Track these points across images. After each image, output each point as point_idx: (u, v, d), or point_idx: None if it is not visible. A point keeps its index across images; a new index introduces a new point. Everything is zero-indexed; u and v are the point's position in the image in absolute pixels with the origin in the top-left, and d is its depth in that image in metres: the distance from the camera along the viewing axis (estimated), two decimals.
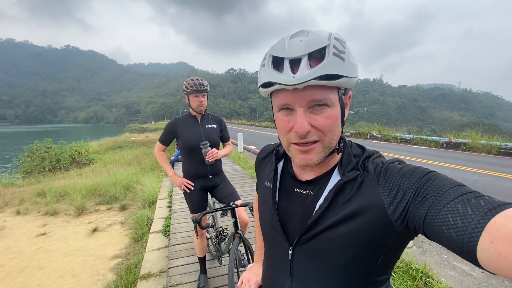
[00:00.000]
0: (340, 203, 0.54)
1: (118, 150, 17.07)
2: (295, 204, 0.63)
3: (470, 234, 0.37)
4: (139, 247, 3.55)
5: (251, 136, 18.31)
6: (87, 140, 16.11)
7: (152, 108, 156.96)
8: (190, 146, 2.08)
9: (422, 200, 0.45)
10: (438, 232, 0.41)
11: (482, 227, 0.36)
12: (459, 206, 0.40)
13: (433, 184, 0.45)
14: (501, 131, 28.70)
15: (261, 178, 0.75)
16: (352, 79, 0.51)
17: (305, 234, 0.58)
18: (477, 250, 0.36)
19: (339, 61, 0.48)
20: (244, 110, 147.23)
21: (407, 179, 0.49)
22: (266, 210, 0.69)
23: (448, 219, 0.40)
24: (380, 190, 0.51)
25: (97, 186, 6.50)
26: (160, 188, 5.80)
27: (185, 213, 3.98)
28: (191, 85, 1.99)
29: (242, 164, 7.69)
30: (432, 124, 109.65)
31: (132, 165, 10.22)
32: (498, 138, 11.56)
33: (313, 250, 0.58)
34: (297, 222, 0.61)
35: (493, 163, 8.06)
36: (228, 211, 1.95)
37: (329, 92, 0.50)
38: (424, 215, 0.44)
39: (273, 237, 0.67)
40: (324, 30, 0.51)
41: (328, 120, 0.51)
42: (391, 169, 0.53)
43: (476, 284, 2.30)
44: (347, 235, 0.52)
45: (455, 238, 0.39)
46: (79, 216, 5.12)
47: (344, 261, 0.54)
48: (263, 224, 0.72)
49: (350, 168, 0.56)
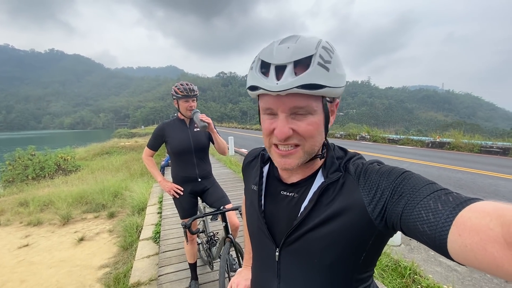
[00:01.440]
0: (323, 204, 0.56)
1: (106, 156, 16.70)
2: (281, 206, 0.64)
3: (441, 228, 0.39)
4: (128, 255, 3.47)
5: (242, 139, 18.29)
6: (73, 146, 15.69)
7: (142, 112, 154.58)
8: (178, 151, 2.07)
9: (399, 198, 0.47)
10: (413, 228, 0.44)
11: (451, 221, 0.39)
12: (431, 203, 0.42)
13: (408, 182, 0.48)
14: (482, 130, 29.84)
15: (248, 182, 0.77)
16: (336, 89, 0.51)
17: (291, 235, 0.59)
18: (447, 242, 0.38)
19: (323, 71, 0.48)
20: (235, 114, 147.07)
21: (385, 178, 0.51)
22: (253, 212, 0.70)
23: (421, 215, 0.42)
24: (361, 190, 0.53)
25: (83, 193, 6.32)
26: (150, 194, 5.70)
27: (176, 218, 3.93)
28: (181, 90, 1.98)
29: (233, 168, 7.66)
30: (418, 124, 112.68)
31: (121, 171, 10.03)
32: (479, 137, 12.03)
33: (299, 251, 0.59)
34: (283, 224, 0.62)
35: (475, 161, 8.36)
36: (219, 216, 1.94)
37: (312, 100, 0.50)
38: (401, 212, 0.46)
39: (260, 239, 0.68)
40: (314, 38, 0.52)
41: (310, 127, 0.52)
42: (370, 169, 0.55)
43: (461, 278, 2.37)
44: (330, 235, 0.54)
45: (428, 233, 0.41)
46: (65, 225, 4.96)
47: (329, 260, 0.55)
48: (250, 226, 0.73)
49: (333, 170, 0.58)
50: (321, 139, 0.56)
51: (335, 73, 0.50)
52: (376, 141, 14.65)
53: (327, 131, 0.57)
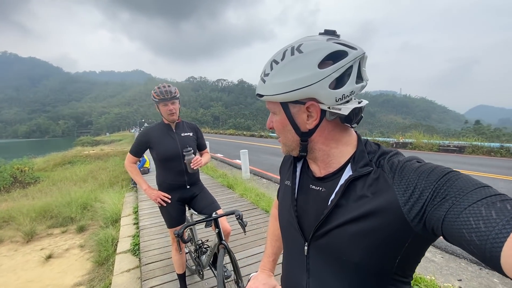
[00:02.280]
0: (352, 200, 0.55)
1: (68, 166, 15.42)
2: (310, 201, 0.65)
3: (494, 239, 0.35)
4: (105, 271, 3.23)
5: (217, 144, 18.07)
6: (30, 156, 14.27)
7: (106, 119, 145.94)
8: (166, 156, 1.98)
9: (441, 201, 0.44)
10: (458, 235, 0.40)
11: (508, 233, 0.35)
12: (482, 209, 0.38)
13: (454, 184, 0.44)
14: (437, 131, 32.73)
15: (282, 179, 0.79)
16: (275, 96, 0.58)
17: (319, 230, 0.59)
18: (501, 256, 0.35)
19: (261, 83, 0.61)
20: (207, 119, 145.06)
21: (425, 178, 0.48)
22: (284, 207, 0.72)
23: (469, 222, 0.38)
24: (395, 189, 0.51)
25: (47, 207, 5.79)
26: (123, 204, 5.38)
27: (156, 228, 3.75)
28: (158, 94, 1.90)
29: (210, 173, 7.53)
30: (380, 127, 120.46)
31: (87, 182, 9.33)
32: (437, 137, 13.19)
33: (327, 246, 0.59)
34: (312, 218, 0.63)
35: (436, 159, 9.14)
36: (212, 222, 1.89)
37: (270, 104, 0.63)
38: (443, 217, 0.42)
39: (290, 233, 0.69)
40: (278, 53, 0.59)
41: (275, 123, 0.64)
42: (407, 167, 0.52)
43: (439, 268, 2.56)
44: (360, 232, 0.52)
45: (477, 243, 0.37)
46: (29, 242, 4.49)
47: (357, 258, 0.54)
48: (282, 222, 0.75)
49: (362, 164, 0.57)
50: (292, 137, 0.63)
51: (270, 83, 0.58)
52: None
53: (298, 131, 0.61)
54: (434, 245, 3.02)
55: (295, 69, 0.54)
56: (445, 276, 2.42)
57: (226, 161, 10.87)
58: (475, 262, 2.62)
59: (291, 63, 0.55)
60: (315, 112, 0.57)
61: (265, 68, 0.60)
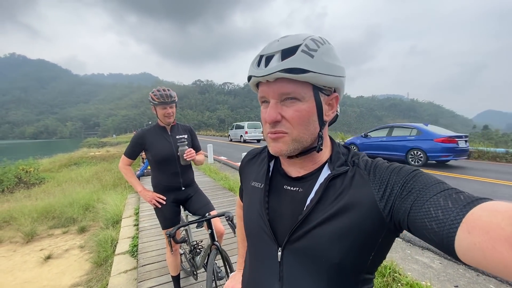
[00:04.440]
0: (331, 198, 0.55)
1: (74, 167, 15.60)
2: (285, 202, 0.62)
3: (449, 225, 0.39)
4: (103, 272, 3.24)
5: (221, 147, 18.11)
6: (36, 157, 14.49)
7: (113, 120, 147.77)
8: (161, 158, 1.99)
9: (407, 195, 0.47)
10: (420, 226, 0.43)
11: (461, 219, 0.38)
12: (441, 200, 0.42)
13: (418, 180, 0.48)
14: None
15: (247, 180, 0.75)
16: (323, 76, 0.52)
17: (296, 232, 0.56)
18: (455, 240, 0.38)
19: (307, 57, 0.50)
20: (213, 121, 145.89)
21: (395, 174, 0.51)
22: (253, 211, 0.67)
23: (430, 212, 0.42)
24: (371, 185, 0.53)
25: (50, 207, 5.84)
26: (124, 205, 5.41)
27: (155, 230, 3.76)
28: (158, 97, 1.91)
29: (213, 176, 7.54)
30: None
31: (91, 183, 9.42)
32: None
33: (304, 249, 0.56)
34: (287, 221, 0.60)
35: (439, 165, 8.98)
36: (204, 223, 1.89)
37: (299, 86, 0.52)
38: (409, 209, 0.45)
39: (260, 239, 0.64)
40: (305, 34, 0.55)
41: (297, 113, 0.54)
42: (380, 165, 0.56)
43: (436, 274, 2.51)
44: (340, 230, 0.52)
45: (436, 230, 0.40)
46: (29, 243, 4.53)
47: (337, 258, 0.53)
48: (249, 227, 0.69)
49: (340, 164, 0.58)
50: (313, 129, 0.56)
51: (321, 60, 0.51)
52: None
53: (322, 122, 0.57)
54: (433, 251, 2.96)
55: (335, 56, 0.55)
56: (442, 282, 2.37)
57: (229, 163, 10.88)
58: (473, 269, 2.57)
59: (332, 50, 0.54)
60: (335, 104, 0.59)
61: (303, 43, 0.52)
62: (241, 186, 0.80)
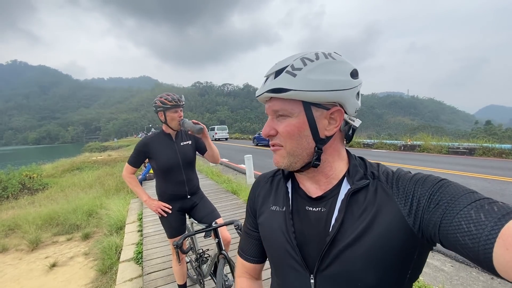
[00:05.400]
0: (355, 215, 0.53)
1: (77, 172, 15.62)
2: (309, 225, 0.59)
3: (484, 241, 0.36)
4: (108, 280, 3.21)
5: (222, 148, 18.11)
6: (39, 162, 14.52)
7: (114, 124, 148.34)
8: (166, 167, 1.96)
9: (435, 208, 0.45)
10: (453, 240, 0.41)
11: (496, 234, 0.36)
12: (472, 212, 0.40)
13: (446, 190, 0.45)
14: (446, 132, 32.15)
15: (263, 207, 0.70)
16: (306, 92, 0.52)
17: (326, 256, 0.53)
18: (493, 258, 0.35)
19: (289, 77, 0.52)
20: (213, 123, 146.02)
21: (420, 186, 0.49)
22: (277, 237, 0.62)
23: (462, 226, 0.39)
24: (396, 199, 0.51)
25: (53, 214, 5.82)
26: (128, 210, 5.39)
27: (159, 236, 3.73)
28: (170, 100, 1.87)
29: (215, 179, 7.52)
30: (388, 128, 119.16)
31: (94, 188, 9.41)
32: (446, 139, 12.92)
33: (338, 274, 0.53)
34: (314, 244, 0.56)
35: (444, 162, 8.93)
36: (211, 232, 1.85)
37: (287, 104, 0.55)
38: (439, 223, 0.43)
39: (289, 267, 0.60)
40: (301, 53, 0.56)
41: (287, 128, 0.56)
42: (402, 177, 0.53)
43: (449, 278, 2.46)
44: (371, 251, 0.50)
45: (470, 246, 0.38)
46: (34, 250, 4.51)
47: (375, 281, 0.50)
48: (273, 255, 0.65)
49: (359, 178, 0.56)
50: (307, 144, 0.56)
51: (305, 78, 0.52)
52: (352, 146, 15.20)
53: (317, 138, 0.56)
54: (444, 253, 2.91)
55: (331, 71, 0.54)
56: (455, 286, 2.32)
57: (231, 166, 10.85)
58: (487, 272, 2.51)
59: (328, 65, 0.54)
60: (338, 118, 0.56)
61: (291, 63, 0.53)
62: (249, 213, 0.75)
